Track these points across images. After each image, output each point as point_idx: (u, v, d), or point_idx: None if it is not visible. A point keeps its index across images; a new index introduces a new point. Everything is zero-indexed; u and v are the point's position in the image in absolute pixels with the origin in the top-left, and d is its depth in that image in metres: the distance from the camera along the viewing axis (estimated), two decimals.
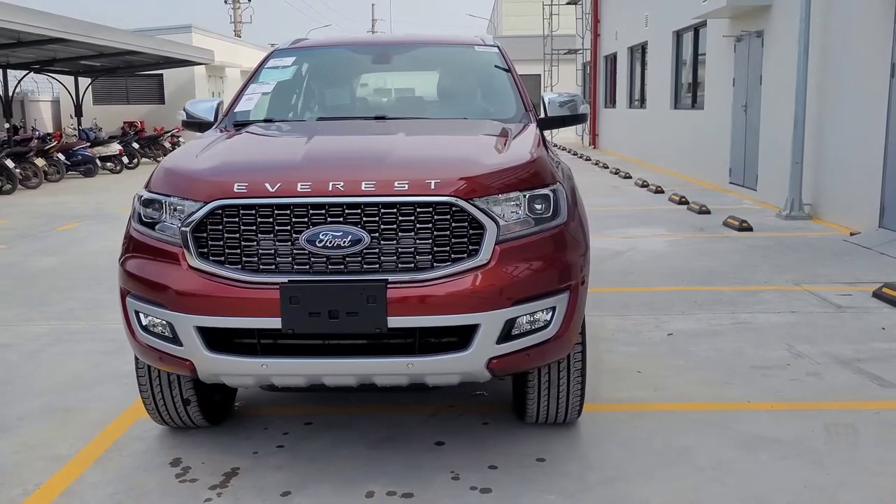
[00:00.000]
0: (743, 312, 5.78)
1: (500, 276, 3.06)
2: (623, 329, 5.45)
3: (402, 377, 3.13)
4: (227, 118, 4.33)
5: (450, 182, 3.06)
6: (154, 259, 3.20)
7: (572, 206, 3.41)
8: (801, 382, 4.39)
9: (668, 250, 8.24)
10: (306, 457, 3.59)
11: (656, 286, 6.68)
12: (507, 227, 3.12)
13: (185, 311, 3.07)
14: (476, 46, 4.78)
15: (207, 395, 3.75)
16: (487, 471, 3.42)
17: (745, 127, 12.51)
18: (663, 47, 17.54)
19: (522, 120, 4.20)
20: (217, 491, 3.29)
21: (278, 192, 3.04)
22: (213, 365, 3.11)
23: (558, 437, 3.74)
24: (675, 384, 4.41)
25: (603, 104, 25.20)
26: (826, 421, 3.88)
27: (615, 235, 9.17)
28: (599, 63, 25.46)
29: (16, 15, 15.00)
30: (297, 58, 4.77)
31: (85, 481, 3.41)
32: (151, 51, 21.23)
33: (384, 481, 3.35)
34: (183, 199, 3.15)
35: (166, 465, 3.53)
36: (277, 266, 3.05)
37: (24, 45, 17.11)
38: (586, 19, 26.21)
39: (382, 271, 3.03)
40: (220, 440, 3.78)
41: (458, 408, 4.11)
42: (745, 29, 12.37)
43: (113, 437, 3.86)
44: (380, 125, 4.02)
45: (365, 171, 3.12)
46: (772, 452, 3.55)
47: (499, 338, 3.07)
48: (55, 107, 28.76)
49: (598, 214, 10.85)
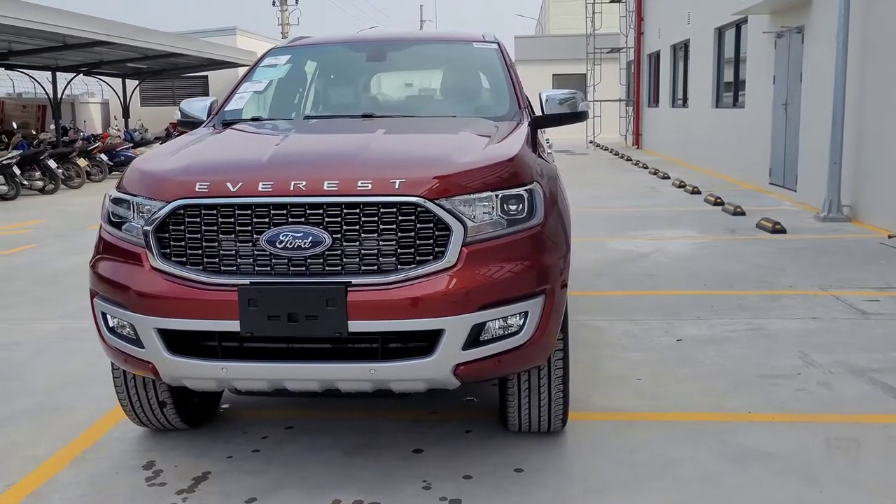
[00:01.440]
0: (760, 318, 5.55)
1: (467, 280, 2.94)
2: (631, 334, 5.27)
3: (366, 383, 3.03)
4: (217, 117, 4.29)
5: (415, 182, 2.95)
6: (119, 260, 3.16)
7: (550, 206, 3.24)
8: (809, 393, 4.18)
9: (695, 252, 8.00)
10: (279, 462, 3.51)
11: (674, 290, 6.47)
12: (476, 228, 2.99)
13: (145, 312, 3.02)
14: (475, 43, 4.66)
15: (185, 397, 3.70)
16: (461, 480, 3.30)
17: (785, 126, 12.13)
18: (705, 45, 17.16)
19: (515, 118, 4.06)
20: (183, 496, 3.23)
21: (239, 191, 2.97)
22: (174, 368, 3.05)
23: (540, 446, 3.60)
24: (675, 393, 4.23)
25: (646, 103, 24.80)
26: (828, 435, 3.67)
27: (642, 237, 8.95)
28: (643, 62, 25.06)
29: (60, 18, 15.35)
30: (292, 56, 4.71)
31: (57, 482, 3.38)
32: (194, 53, 21.52)
33: (353, 489, 3.25)
34: (148, 199, 3.10)
35: (139, 468, 3.49)
36: (239, 268, 2.98)
37: (70, 48, 17.49)
38: (630, 17, 25.83)
39: (345, 273, 2.94)
40: (197, 443, 3.73)
41: (443, 414, 3.99)
42: (785, 25, 12.00)
43: (94, 437, 3.84)
44: (363, 123, 3.92)
45: (329, 171, 3.03)
46: (764, 467, 3.36)
47: (465, 343, 2.95)
48: (104, 108, 29.41)
49: (628, 215, 10.64)
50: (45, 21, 14.98)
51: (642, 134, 25.36)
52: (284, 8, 43.44)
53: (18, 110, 23.12)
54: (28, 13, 14.55)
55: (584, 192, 13.72)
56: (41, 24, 14.81)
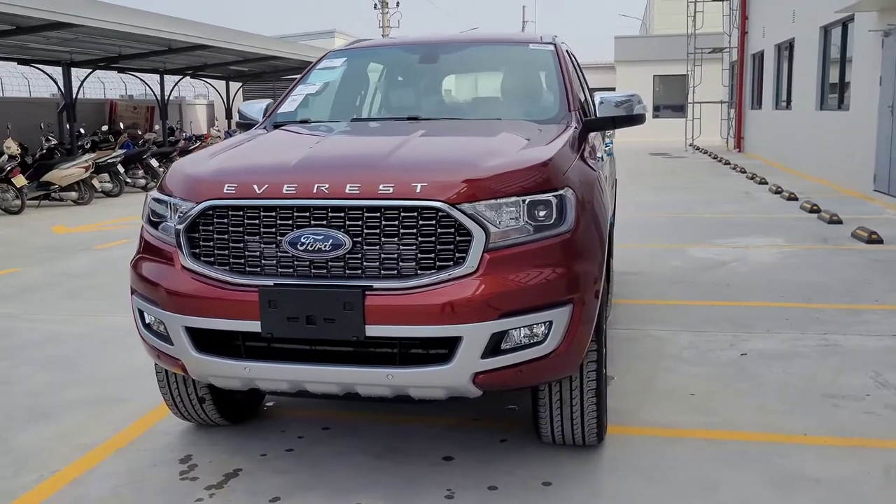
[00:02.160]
0: (836, 333, 5.23)
1: (488, 286, 2.87)
2: (694, 346, 5.06)
3: (384, 388, 3.00)
4: (269, 119, 4.36)
5: (436, 186, 2.91)
6: (155, 259, 3.24)
7: (582, 212, 3.12)
8: (876, 416, 3.90)
9: (779, 262, 7.63)
10: (310, 462, 3.53)
11: (748, 301, 6.18)
12: (500, 233, 2.92)
13: (174, 310, 3.09)
14: (531, 45, 4.57)
15: (225, 394, 3.77)
16: (486, 491, 3.23)
17: (891, 129, 11.44)
18: (810, 44, 16.40)
19: (563, 120, 3.95)
20: (211, 492, 3.29)
21: (264, 193, 3.00)
22: (201, 366, 3.10)
23: (575, 460, 3.48)
24: (728, 410, 4.02)
25: (749, 105, 23.91)
26: (888, 462, 3.41)
27: (725, 245, 8.61)
28: (746, 62, 24.19)
29: (165, 24, 16.08)
30: (348, 59, 4.74)
31: (97, 471, 3.50)
32: (293, 56, 22.08)
33: (377, 493, 3.23)
34: (183, 200, 3.16)
35: (175, 462, 3.57)
36: (263, 269, 3.01)
37: (174, 51, 18.26)
38: (734, 16, 24.97)
39: (365, 277, 2.92)
40: (236, 440, 3.79)
41: (482, 421, 3.93)
42: (892, 22, 11.32)
43: (140, 429, 3.96)
44: (405, 126, 3.89)
45: (352, 174, 3.02)
46: (808, 494, 3.15)
47: (484, 352, 2.88)
48: (209, 110, 30.55)
49: (716, 221, 10.26)
50: (151, 26, 15.70)
51: (744, 137, 24.47)
52: (386, 10, 44.11)
53: (129, 111, 24.29)
54: (135, 19, 15.29)
55: (673, 196, 13.35)
56: (147, 29, 15.53)
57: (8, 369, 4.95)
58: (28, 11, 12.43)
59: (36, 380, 4.74)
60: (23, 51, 17.05)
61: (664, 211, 11.47)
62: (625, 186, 15.02)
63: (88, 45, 16.82)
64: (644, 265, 7.64)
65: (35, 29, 13.81)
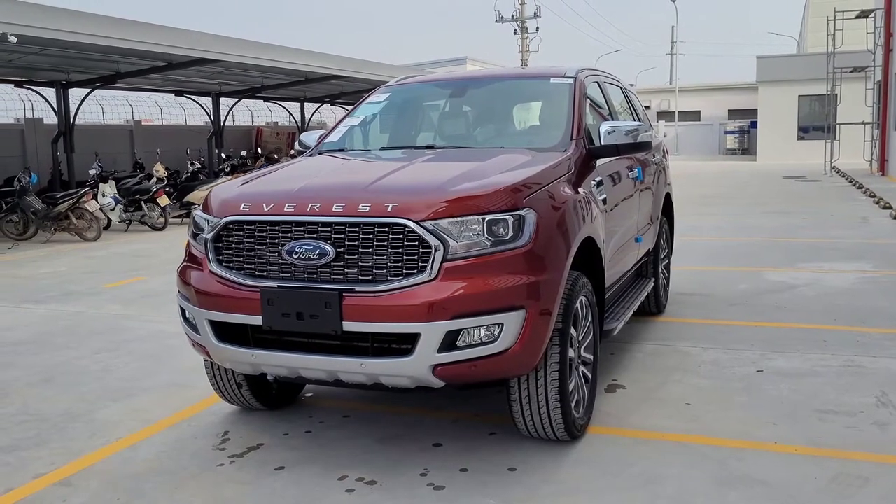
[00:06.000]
0: (865, 356, 5.29)
1: (443, 291, 3.37)
2: (716, 362, 5.28)
3: (360, 376, 3.55)
4: (316, 148, 5.03)
5: (404, 206, 3.44)
6: (193, 265, 3.94)
7: (543, 229, 3.55)
8: (856, 431, 4.05)
9: (852, 287, 7.56)
10: (320, 443, 4.12)
11: (795, 322, 6.27)
12: (459, 246, 3.41)
13: (201, 306, 3.78)
14: (552, 79, 5.01)
15: (260, 382, 4.43)
16: (457, 472, 3.71)
17: None
18: None
19: (563, 148, 4.37)
20: (232, 459, 3.94)
21: (270, 210, 3.64)
22: (220, 352, 3.77)
23: (545, 453, 3.88)
24: (713, 419, 4.28)
25: (893, 126, 22.74)
26: (840, 471, 3.59)
27: (806, 269, 8.56)
28: (891, 81, 23.02)
29: (300, 57, 17.53)
30: (391, 94, 5.36)
31: (151, 440, 4.24)
32: None
33: (364, 469, 3.77)
34: (213, 217, 3.86)
35: (214, 436, 4.27)
36: (268, 273, 3.64)
37: (310, 81, 19.72)
38: (878, 33, 23.85)
39: (346, 281, 3.49)
40: (269, 422, 4.44)
41: (483, 416, 4.38)
42: None
43: (196, 410, 4.69)
44: (415, 153, 4.46)
45: (340, 196, 3.60)
46: (746, 493, 3.41)
47: (440, 347, 3.38)
48: None
49: (812, 246, 10.14)
50: (288, 60, 17.13)
51: (888, 160, 23.26)
52: (525, 36, 44.84)
53: (273, 137, 26.20)
54: (274, 54, 16.75)
55: (783, 220, 13.13)
56: (283, 62, 16.96)
57: (111, 359, 5.87)
58: (175, 50, 14.03)
59: (130, 368, 5.62)
60: (177, 83, 18.99)
61: (766, 235, 11.36)
62: (738, 210, 14.87)
63: (233, 77, 18.50)
64: (713, 287, 7.77)
65: (185, 65, 15.45)
